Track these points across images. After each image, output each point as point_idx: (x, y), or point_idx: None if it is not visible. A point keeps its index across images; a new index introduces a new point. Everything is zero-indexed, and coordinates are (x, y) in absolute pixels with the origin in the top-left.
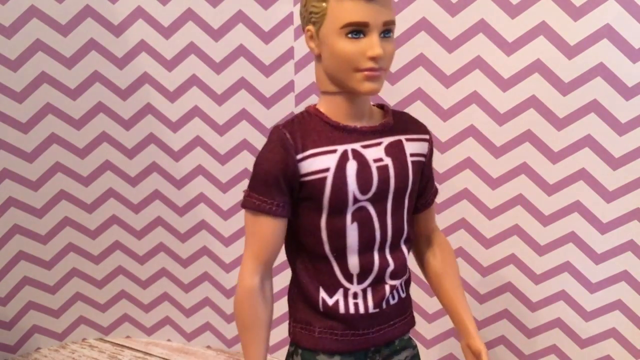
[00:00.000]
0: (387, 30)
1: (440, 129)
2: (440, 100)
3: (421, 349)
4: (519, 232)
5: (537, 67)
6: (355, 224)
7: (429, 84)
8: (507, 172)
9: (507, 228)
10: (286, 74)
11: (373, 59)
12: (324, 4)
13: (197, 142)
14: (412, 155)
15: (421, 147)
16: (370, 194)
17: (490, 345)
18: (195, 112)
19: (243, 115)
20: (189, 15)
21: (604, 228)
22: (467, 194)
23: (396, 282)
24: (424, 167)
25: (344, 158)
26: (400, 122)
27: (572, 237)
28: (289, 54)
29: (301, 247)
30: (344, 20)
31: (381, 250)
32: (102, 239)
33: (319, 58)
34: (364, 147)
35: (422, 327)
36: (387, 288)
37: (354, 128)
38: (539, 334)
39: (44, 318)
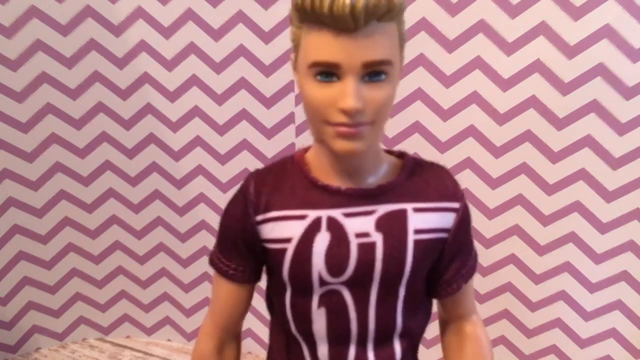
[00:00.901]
0: (374, 73)
1: (440, 129)
2: (440, 100)
3: (421, 348)
4: (519, 232)
5: (537, 67)
6: (322, 310)
7: (429, 84)
8: (507, 172)
9: (507, 228)
10: (286, 74)
11: (345, 112)
12: (299, 31)
13: (197, 142)
14: (418, 231)
15: (440, 220)
16: (345, 277)
17: None
18: (195, 112)
19: (243, 115)
20: (189, 15)
21: (603, 228)
22: (467, 194)
23: None
24: (445, 245)
25: (313, 227)
26: (416, 183)
27: (572, 237)
28: (289, 54)
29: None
30: (310, 58)
31: (361, 345)
32: (102, 239)
33: None
34: (348, 215)
35: (428, 331)
36: None
37: (336, 189)
38: (539, 334)
39: (44, 318)
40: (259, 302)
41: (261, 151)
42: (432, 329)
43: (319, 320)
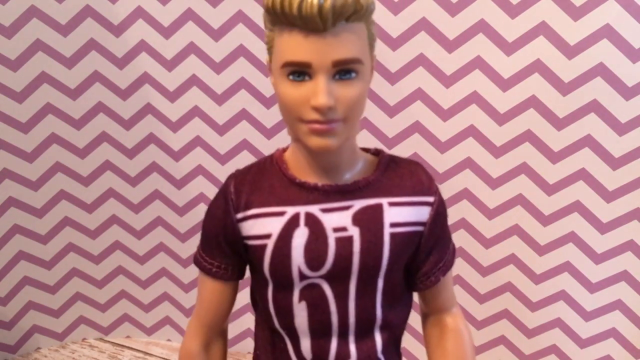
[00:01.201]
0: (344, 71)
1: (440, 129)
2: (440, 100)
3: (420, 348)
4: (519, 232)
5: (537, 67)
6: (303, 304)
7: (428, 84)
8: (507, 172)
9: (507, 228)
10: None
11: (317, 109)
12: (272, 33)
13: (197, 142)
14: (394, 225)
15: (415, 214)
16: (324, 271)
17: (490, 345)
18: (195, 112)
19: (243, 115)
20: (189, 15)
21: (604, 228)
22: (467, 194)
23: None
24: (422, 239)
25: (292, 223)
26: (391, 179)
27: (572, 237)
28: None
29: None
30: (282, 59)
31: (342, 337)
32: (102, 239)
33: None
34: (325, 210)
35: (419, 326)
36: None
37: (314, 186)
38: (539, 334)
39: (44, 318)
40: None
41: (261, 151)
42: None
43: (301, 314)
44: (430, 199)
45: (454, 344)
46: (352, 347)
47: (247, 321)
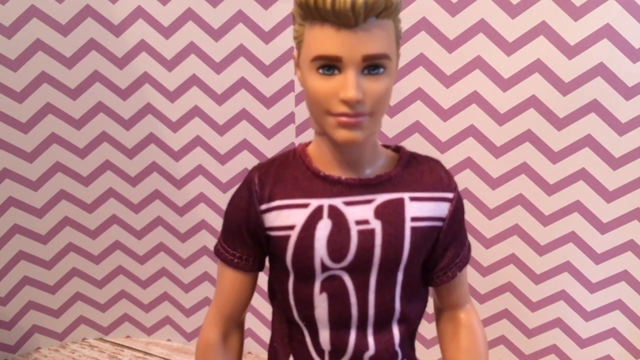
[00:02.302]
0: (373, 66)
1: (440, 129)
2: (441, 100)
3: (421, 348)
4: (519, 232)
5: (537, 67)
6: (324, 295)
7: (429, 84)
8: (507, 172)
9: (507, 228)
10: (286, 74)
11: (346, 102)
12: (302, 28)
13: (197, 142)
14: (415, 219)
15: (435, 209)
16: (345, 263)
17: (490, 345)
18: (195, 112)
19: (243, 115)
20: (189, 15)
21: (604, 228)
22: (467, 194)
23: None
24: (440, 234)
25: (315, 215)
26: (412, 174)
27: (572, 237)
28: (289, 54)
29: (278, 303)
30: (313, 53)
31: (361, 329)
32: (102, 239)
33: None
34: (348, 204)
35: (422, 327)
36: None
37: (337, 179)
38: (539, 334)
39: (44, 318)
40: (260, 303)
41: (261, 151)
42: (431, 331)
43: (321, 305)
44: (450, 195)
45: (467, 339)
46: (371, 339)
47: (248, 322)
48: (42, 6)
